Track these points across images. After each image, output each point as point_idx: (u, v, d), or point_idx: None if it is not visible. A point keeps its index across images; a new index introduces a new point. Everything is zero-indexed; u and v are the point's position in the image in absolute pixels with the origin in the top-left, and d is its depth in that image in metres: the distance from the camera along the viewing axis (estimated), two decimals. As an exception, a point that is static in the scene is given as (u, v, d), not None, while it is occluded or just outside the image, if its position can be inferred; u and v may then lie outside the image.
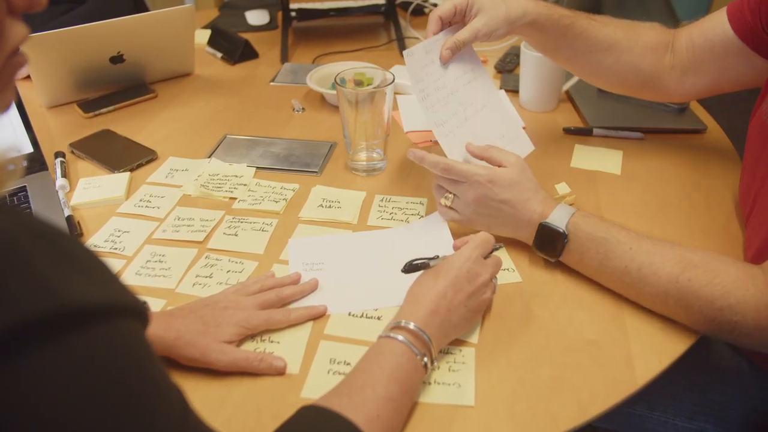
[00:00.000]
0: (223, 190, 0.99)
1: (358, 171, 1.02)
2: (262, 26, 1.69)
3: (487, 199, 0.80)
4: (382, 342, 0.63)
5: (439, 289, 0.66)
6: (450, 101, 0.88)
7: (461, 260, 0.69)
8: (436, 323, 0.65)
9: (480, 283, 0.68)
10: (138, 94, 1.30)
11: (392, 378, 0.59)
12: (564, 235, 0.75)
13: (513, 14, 0.87)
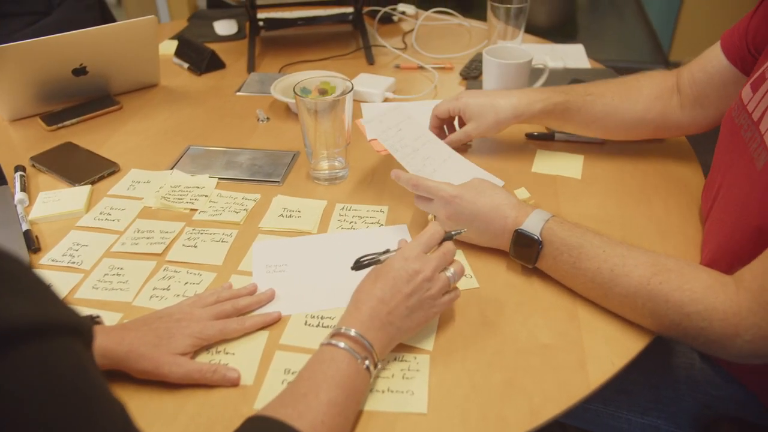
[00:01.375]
0: (184, 201, 0.98)
1: (320, 180, 1.02)
2: (231, 36, 1.69)
3: (458, 215, 0.82)
4: (324, 349, 0.63)
5: (377, 294, 0.66)
6: (415, 156, 0.97)
7: (399, 261, 0.68)
8: (376, 327, 0.65)
9: (420, 281, 0.67)
10: (102, 106, 1.29)
11: (334, 383, 0.59)
12: (539, 241, 0.76)
13: (503, 118, 1.00)
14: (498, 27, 1.38)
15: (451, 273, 0.71)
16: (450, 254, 0.72)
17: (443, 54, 1.51)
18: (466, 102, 1.01)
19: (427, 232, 0.72)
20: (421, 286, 0.68)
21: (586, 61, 1.49)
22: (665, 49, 3.64)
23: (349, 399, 0.60)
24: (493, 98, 1.00)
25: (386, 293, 0.66)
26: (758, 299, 0.61)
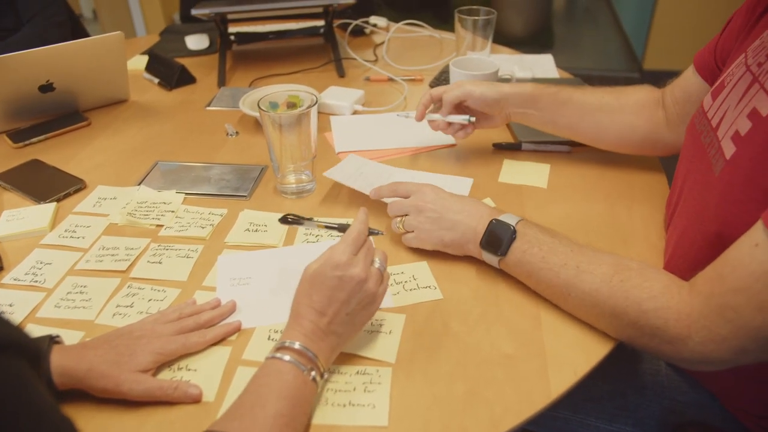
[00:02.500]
0: (150, 217, 0.98)
1: (287, 194, 1.02)
2: (202, 51, 1.69)
3: (437, 201, 0.85)
4: (269, 363, 0.64)
5: (315, 306, 0.66)
6: None
7: (331, 268, 0.67)
8: (319, 338, 0.65)
9: (355, 285, 0.67)
10: (70, 122, 1.28)
11: (281, 395, 0.60)
12: (513, 230, 0.77)
13: (503, 88, 1.00)
14: (466, 38, 1.40)
15: (378, 263, 0.71)
16: (372, 247, 0.72)
17: (413, 66, 1.52)
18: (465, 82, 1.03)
19: (352, 232, 0.70)
20: (356, 289, 0.67)
21: (555, 71, 1.50)
22: (639, 57, 3.69)
23: (296, 409, 0.61)
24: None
25: (324, 304, 0.66)
26: (708, 303, 0.62)
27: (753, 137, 0.66)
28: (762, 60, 0.70)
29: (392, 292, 0.81)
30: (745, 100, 0.70)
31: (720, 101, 0.76)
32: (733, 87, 0.74)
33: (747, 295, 0.58)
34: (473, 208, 0.84)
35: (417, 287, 0.82)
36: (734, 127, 0.70)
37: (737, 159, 0.67)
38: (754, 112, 0.67)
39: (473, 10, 1.37)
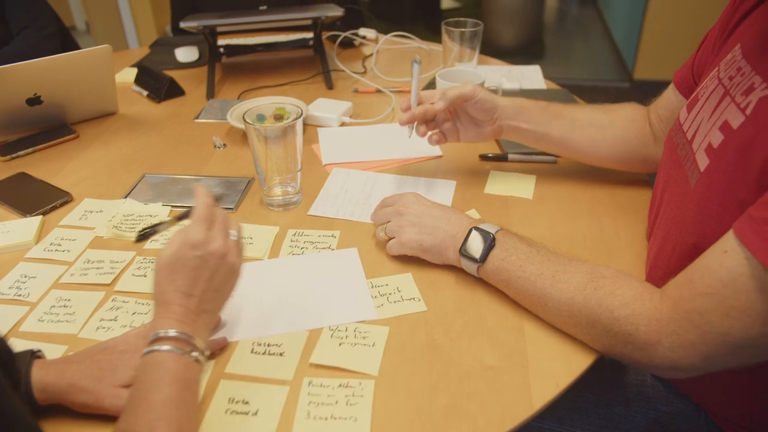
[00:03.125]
0: (135, 230, 0.98)
1: (274, 206, 1.02)
2: (192, 63, 1.69)
3: (420, 205, 0.87)
4: (148, 358, 0.62)
5: (181, 289, 0.66)
6: (368, 202, 1.03)
7: (188, 249, 0.66)
8: (191, 320, 0.65)
9: (217, 260, 0.67)
10: (58, 135, 1.28)
11: (166, 383, 0.60)
12: (492, 237, 0.78)
13: (496, 98, 0.99)
14: (454, 50, 1.41)
15: (234, 234, 0.71)
16: (226, 218, 0.72)
17: (402, 77, 1.53)
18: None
19: (199, 210, 0.69)
20: (219, 264, 0.68)
21: (543, 82, 1.51)
22: (629, 67, 3.71)
23: (185, 392, 0.61)
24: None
25: (190, 285, 0.66)
26: (677, 308, 0.63)
27: (725, 149, 0.66)
28: (733, 74, 0.71)
29: (376, 305, 0.81)
30: (717, 113, 0.71)
31: (694, 114, 0.77)
32: (706, 100, 0.75)
33: (714, 300, 0.59)
34: (454, 216, 0.85)
35: (401, 299, 0.82)
36: (707, 140, 0.70)
37: (711, 171, 0.68)
38: (725, 124, 0.68)
39: (460, 22, 1.38)
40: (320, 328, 0.78)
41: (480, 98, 0.98)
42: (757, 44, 0.70)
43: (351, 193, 1.05)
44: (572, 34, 4.95)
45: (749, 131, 0.63)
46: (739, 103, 0.67)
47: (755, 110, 0.64)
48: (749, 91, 0.66)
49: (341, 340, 0.76)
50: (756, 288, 0.56)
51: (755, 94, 0.65)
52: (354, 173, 1.11)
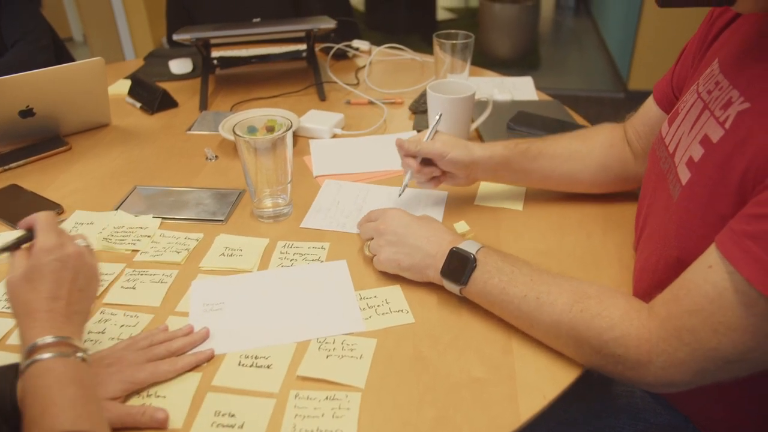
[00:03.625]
0: (126, 242, 0.98)
1: (264, 218, 1.02)
2: (186, 75, 1.70)
3: (401, 225, 0.86)
4: (32, 370, 0.60)
5: (45, 294, 0.65)
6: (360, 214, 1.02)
7: (45, 255, 0.66)
8: (63, 322, 0.64)
9: (75, 260, 0.67)
10: (50, 147, 1.29)
11: (63, 384, 0.59)
12: (474, 259, 0.77)
13: (474, 151, 0.98)
14: (446, 61, 1.41)
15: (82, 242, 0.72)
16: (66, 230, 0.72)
17: (394, 89, 1.54)
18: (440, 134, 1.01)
19: (41, 220, 0.70)
20: (78, 264, 0.68)
21: (534, 93, 1.52)
22: (624, 77, 3.73)
23: (87, 390, 0.60)
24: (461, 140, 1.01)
25: (53, 289, 0.65)
26: (666, 326, 0.63)
27: (705, 163, 0.67)
28: (711, 88, 0.72)
29: (364, 317, 0.81)
30: (697, 126, 0.71)
31: (675, 127, 0.77)
32: (687, 114, 0.75)
33: (702, 316, 0.59)
34: (434, 234, 0.84)
35: (389, 311, 0.82)
36: (688, 153, 0.71)
37: (692, 185, 0.68)
38: (705, 138, 0.68)
39: (451, 34, 1.39)
40: (308, 340, 0.78)
41: (450, 158, 0.96)
42: (734, 59, 0.71)
43: (343, 205, 1.06)
44: (567, 44, 4.97)
45: (728, 145, 0.64)
46: (718, 117, 0.67)
47: (734, 124, 0.64)
48: (727, 105, 0.66)
49: (329, 352, 0.76)
50: (741, 302, 0.56)
51: (733, 108, 0.65)
52: (346, 185, 1.11)
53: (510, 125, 1.29)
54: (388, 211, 0.90)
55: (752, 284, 0.55)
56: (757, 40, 0.68)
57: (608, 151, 0.99)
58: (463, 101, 1.17)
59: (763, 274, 0.54)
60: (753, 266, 0.55)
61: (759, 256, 0.55)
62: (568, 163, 0.99)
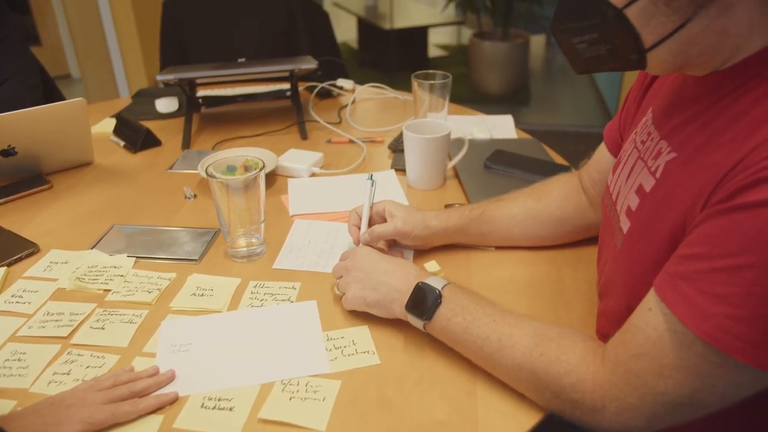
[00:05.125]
0: (98, 282, 0.98)
1: (238, 258, 1.03)
2: (172, 113, 1.72)
3: (368, 262, 0.87)
4: None
5: None
6: (332, 252, 1.05)
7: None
8: None
9: None
10: (31, 185, 1.30)
11: None
12: (438, 294, 0.78)
13: (431, 223, 0.98)
14: (425, 101, 1.44)
15: None
16: None
17: (376, 127, 1.56)
18: (390, 203, 1.02)
19: None
20: None
21: (514, 131, 1.54)
22: (612, 113, 3.78)
23: None
24: (415, 208, 1.02)
25: None
26: (616, 371, 0.63)
27: (641, 212, 0.68)
28: (644, 138, 0.74)
29: (330, 358, 0.81)
30: (633, 176, 0.73)
31: (617, 177, 0.79)
32: (625, 163, 0.77)
33: (647, 360, 0.60)
34: (401, 270, 0.85)
35: (356, 352, 0.82)
36: (627, 203, 0.72)
37: (632, 233, 0.70)
38: (640, 188, 0.70)
39: (429, 74, 1.42)
40: (272, 382, 0.77)
41: (404, 233, 0.97)
42: (663, 109, 0.73)
43: (315, 244, 1.06)
44: (557, 81, 5.04)
45: (660, 194, 0.65)
46: (650, 167, 0.69)
47: (663, 174, 0.66)
48: (658, 155, 0.68)
49: (292, 394, 0.75)
50: (680, 344, 0.57)
51: (662, 158, 0.67)
52: (316, 224, 1.12)
53: (487, 164, 1.31)
54: (356, 249, 0.91)
55: (686, 325, 0.56)
56: (681, 91, 0.70)
57: (564, 203, 1.00)
58: (438, 141, 1.19)
59: (696, 314, 0.55)
60: (685, 307, 0.56)
61: (691, 296, 0.56)
62: (525, 222, 1.00)
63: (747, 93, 0.59)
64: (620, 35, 0.61)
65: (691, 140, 0.64)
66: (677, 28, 0.59)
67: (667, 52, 0.61)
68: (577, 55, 0.67)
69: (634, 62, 0.63)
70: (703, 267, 0.56)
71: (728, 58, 0.61)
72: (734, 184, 0.55)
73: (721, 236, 0.55)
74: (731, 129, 0.59)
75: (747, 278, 0.53)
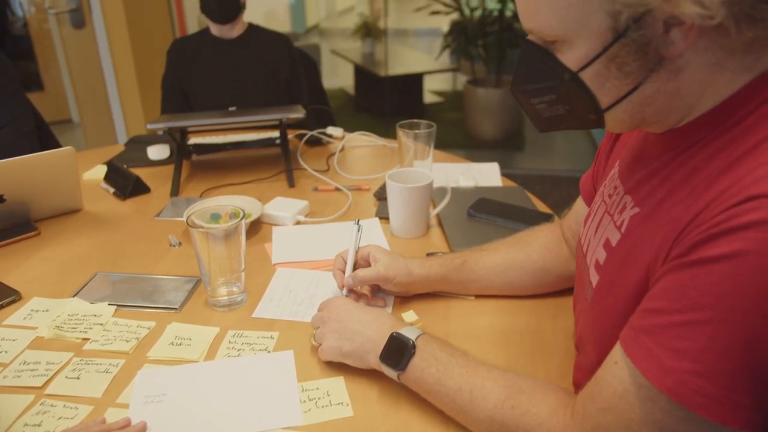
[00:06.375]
0: (77, 330, 0.98)
1: (218, 306, 1.03)
2: (163, 160, 1.74)
3: (344, 310, 0.88)
4: None
5: None
6: (312, 302, 1.05)
7: None
8: None
9: None
10: (19, 232, 1.31)
11: None
12: (412, 345, 0.78)
13: (413, 270, 0.99)
14: (411, 149, 1.46)
15: None
16: None
17: (362, 175, 1.58)
18: (374, 247, 1.03)
19: None
20: None
21: (499, 179, 1.56)
22: (605, 159, 3.81)
23: None
24: (399, 255, 1.03)
25: None
26: (585, 425, 0.63)
27: (608, 266, 0.69)
28: (611, 192, 0.75)
29: (304, 409, 0.81)
30: (600, 229, 0.74)
31: (587, 230, 0.80)
32: (594, 216, 0.78)
33: (614, 414, 0.60)
34: (376, 320, 0.85)
35: (329, 404, 0.81)
36: (595, 256, 0.73)
37: (600, 287, 0.70)
38: (607, 242, 0.71)
39: (414, 123, 1.44)
40: (244, 434, 0.77)
41: (393, 283, 0.99)
42: (628, 164, 0.74)
43: (295, 293, 1.07)
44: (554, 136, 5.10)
45: (624, 248, 0.66)
46: (616, 221, 0.70)
47: (627, 228, 0.67)
48: (623, 210, 0.69)
49: (263, 447, 0.75)
50: (645, 398, 0.57)
51: (627, 213, 0.68)
52: (298, 273, 1.13)
53: (470, 212, 1.32)
54: (332, 300, 0.92)
55: (649, 381, 0.56)
56: (644, 147, 0.72)
57: (546, 254, 1.01)
58: (419, 190, 1.21)
59: (658, 369, 0.55)
60: (648, 362, 0.56)
61: (653, 351, 0.56)
62: (507, 272, 1.01)
63: (702, 149, 0.61)
64: (577, 97, 0.63)
65: (653, 195, 0.65)
66: (631, 90, 0.60)
67: (623, 112, 0.63)
68: (538, 115, 0.69)
69: (593, 121, 0.65)
70: (664, 321, 0.57)
71: (683, 117, 0.62)
72: (690, 239, 0.55)
73: (679, 291, 0.56)
74: (688, 184, 0.60)
75: (705, 333, 0.53)
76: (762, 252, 0.50)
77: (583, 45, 0.60)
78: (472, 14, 4.38)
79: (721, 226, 0.53)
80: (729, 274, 0.52)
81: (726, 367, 0.53)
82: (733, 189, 0.54)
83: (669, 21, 0.55)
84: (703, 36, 0.56)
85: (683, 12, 0.53)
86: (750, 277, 0.51)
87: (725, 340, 0.53)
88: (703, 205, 0.56)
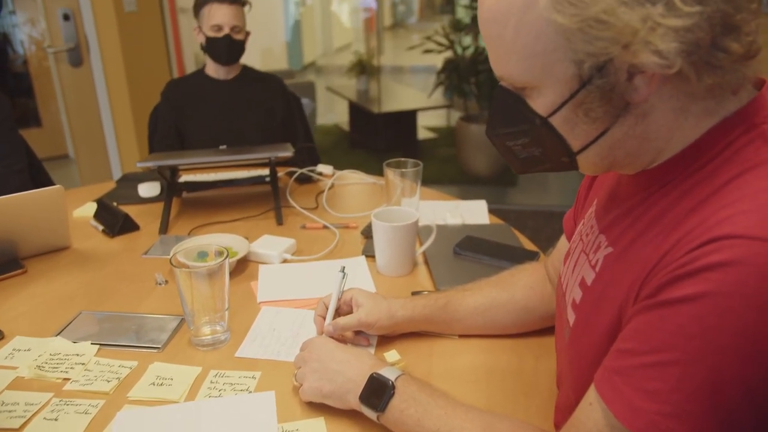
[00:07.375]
0: (58, 370, 0.98)
1: (201, 346, 1.03)
2: (154, 198, 1.75)
3: (324, 350, 0.88)
4: None
5: None
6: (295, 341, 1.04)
7: None
8: None
9: None
10: (5, 270, 1.31)
11: None
12: (392, 386, 0.78)
13: (396, 313, 1.00)
14: (398, 187, 1.47)
15: None
16: None
17: (350, 213, 1.59)
18: (357, 291, 1.04)
19: None
20: None
21: (487, 217, 1.57)
22: (597, 195, 3.83)
23: None
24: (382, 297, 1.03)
25: None
26: None
27: (583, 306, 0.70)
28: (588, 231, 0.76)
29: (282, 452, 0.80)
30: (577, 269, 0.75)
31: (566, 268, 0.81)
32: (572, 255, 0.79)
33: None
34: (356, 360, 0.85)
35: (308, 445, 0.81)
36: (572, 295, 0.74)
37: (576, 326, 0.71)
38: (582, 281, 0.71)
39: (401, 162, 1.46)
40: (221, 477, 0.76)
41: (376, 327, 0.99)
42: (603, 204, 0.75)
43: (279, 332, 1.07)
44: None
45: (599, 288, 0.67)
46: (591, 260, 0.71)
47: (601, 267, 0.67)
48: (597, 249, 0.70)
49: (239, 490, 0.74)
50: None
51: (601, 252, 0.69)
52: (282, 311, 1.13)
53: (456, 250, 1.33)
54: (313, 339, 0.92)
55: (621, 422, 0.56)
56: (618, 187, 0.73)
57: (529, 293, 1.01)
58: (405, 228, 1.22)
59: (629, 411, 0.56)
60: (620, 403, 0.57)
61: (624, 392, 0.56)
62: (490, 311, 1.01)
63: (672, 191, 0.62)
64: (549, 140, 0.64)
65: (625, 235, 0.66)
66: (600, 134, 0.62)
67: (594, 155, 0.64)
68: (514, 157, 0.70)
69: (567, 164, 0.67)
70: (635, 363, 0.57)
71: (653, 159, 0.64)
72: (657, 279, 0.56)
73: (647, 332, 0.56)
74: (658, 224, 0.61)
75: (673, 374, 0.54)
76: (725, 294, 0.50)
77: (550, 92, 0.61)
78: (464, 52, 4.46)
79: (686, 267, 0.53)
80: (695, 316, 0.52)
81: (695, 408, 0.53)
82: (697, 230, 0.55)
83: (631, 69, 0.57)
84: (666, 83, 0.58)
85: (642, 62, 0.55)
86: (715, 319, 0.51)
87: (694, 381, 0.53)
88: (670, 245, 0.57)
